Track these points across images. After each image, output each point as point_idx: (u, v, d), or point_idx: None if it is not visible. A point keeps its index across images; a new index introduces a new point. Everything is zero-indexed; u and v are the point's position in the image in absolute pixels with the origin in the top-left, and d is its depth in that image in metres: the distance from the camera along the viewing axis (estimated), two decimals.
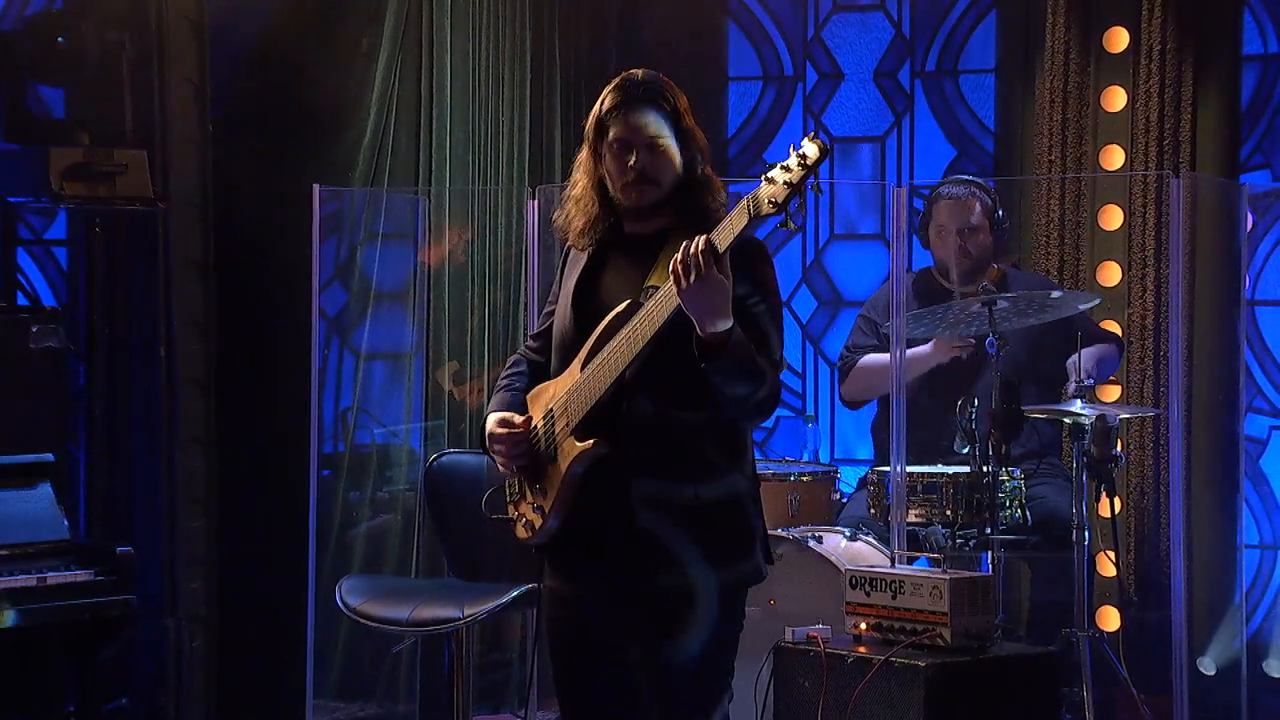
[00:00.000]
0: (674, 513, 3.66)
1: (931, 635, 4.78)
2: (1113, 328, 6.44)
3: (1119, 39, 6.59)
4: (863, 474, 6.13)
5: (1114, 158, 6.58)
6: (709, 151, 3.81)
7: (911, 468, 5.70)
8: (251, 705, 6.28)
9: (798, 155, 3.42)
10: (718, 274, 3.47)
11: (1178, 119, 6.49)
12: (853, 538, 5.63)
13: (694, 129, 3.79)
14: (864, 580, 4.97)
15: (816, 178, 3.42)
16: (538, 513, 3.80)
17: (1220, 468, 6.37)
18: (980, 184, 6.22)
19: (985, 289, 5.81)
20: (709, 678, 3.74)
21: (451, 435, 6.57)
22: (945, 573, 4.88)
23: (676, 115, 3.76)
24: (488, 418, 3.88)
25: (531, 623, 5.84)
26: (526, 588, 5.14)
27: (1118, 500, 5.79)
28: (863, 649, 4.86)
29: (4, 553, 5.12)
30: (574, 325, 3.81)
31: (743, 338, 3.56)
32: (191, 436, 6.08)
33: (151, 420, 6.01)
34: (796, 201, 3.41)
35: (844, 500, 6.11)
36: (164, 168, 5.99)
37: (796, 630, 4.99)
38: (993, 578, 5.11)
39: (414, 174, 6.65)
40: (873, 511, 5.81)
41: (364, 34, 6.63)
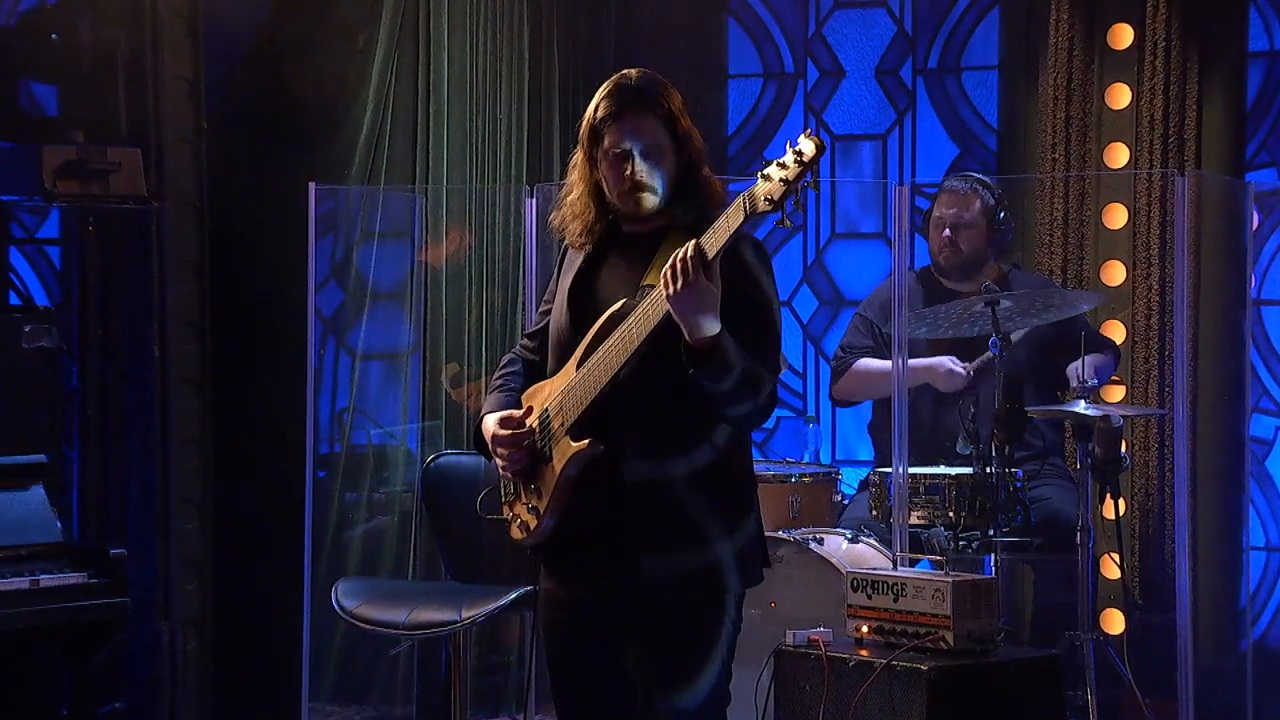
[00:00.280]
0: (666, 500, 3.64)
1: (934, 639, 4.77)
2: (1117, 327, 6.42)
3: (1123, 35, 6.56)
4: (864, 475, 6.10)
5: (1118, 155, 6.56)
6: (707, 151, 3.78)
7: (914, 469, 5.68)
8: (247, 709, 6.26)
9: (794, 152, 3.40)
10: (706, 280, 3.45)
11: (1183, 116, 6.46)
12: (854, 540, 5.62)
13: (690, 130, 3.74)
14: (865, 583, 4.96)
15: (814, 175, 3.39)
16: (533, 513, 3.78)
17: (1225, 468, 6.37)
18: (985, 182, 6.18)
19: (988, 288, 5.76)
20: (706, 680, 3.70)
21: (449, 436, 6.55)
22: (948, 575, 4.87)
23: (672, 118, 3.71)
24: (484, 419, 3.85)
25: (530, 625, 5.82)
26: (525, 590, 5.13)
27: (1122, 502, 5.76)
28: (864, 652, 4.85)
29: None
30: (570, 324, 3.79)
31: (733, 343, 3.53)
32: (186, 437, 6.06)
33: (145, 421, 5.98)
34: (793, 199, 3.39)
35: (845, 502, 6.09)
36: (158, 166, 5.97)
37: (797, 633, 4.98)
38: (996, 580, 5.09)
39: (411, 172, 6.64)
40: (874, 513, 5.79)
41: (360, 30, 6.62)
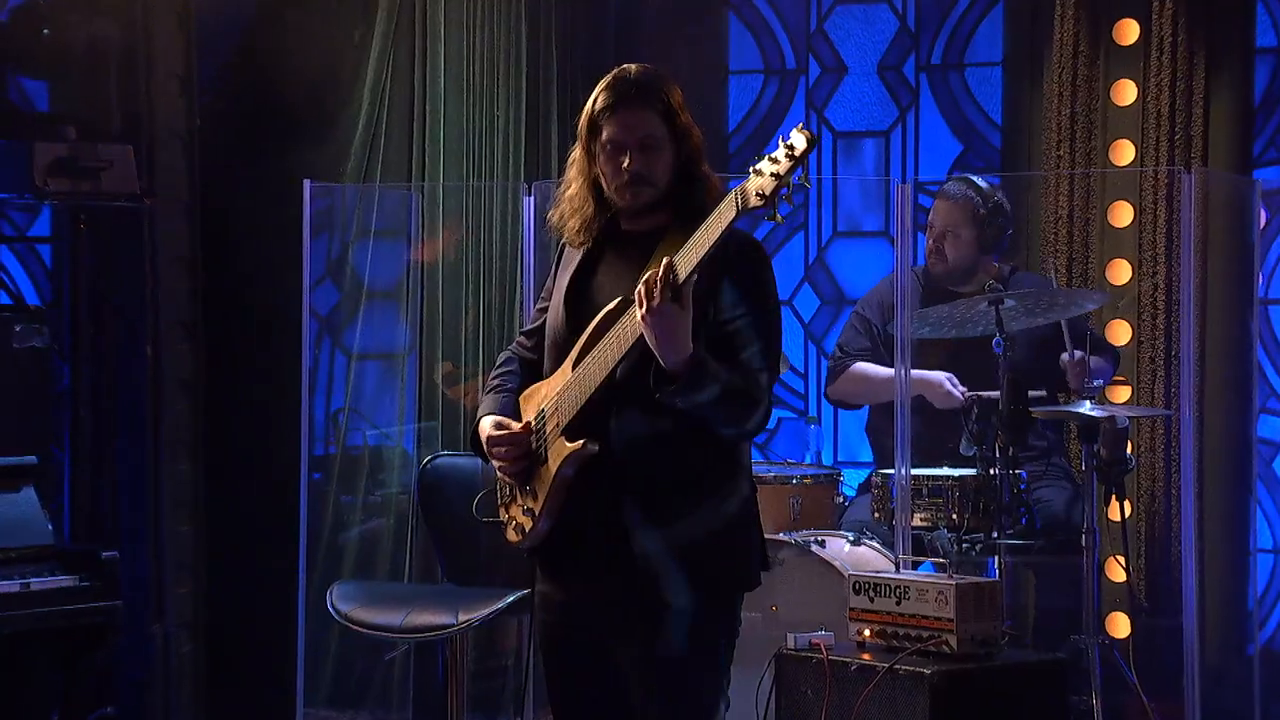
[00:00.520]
0: (668, 525, 3.61)
1: (937, 642, 4.75)
2: (1123, 327, 6.39)
3: (1129, 31, 6.52)
4: (865, 476, 6.05)
5: (1124, 153, 6.52)
6: (706, 147, 3.76)
7: (917, 470, 5.66)
8: (241, 714, 6.27)
9: (785, 147, 3.38)
10: (675, 306, 3.44)
11: (1189, 113, 6.43)
12: (856, 542, 5.61)
13: (689, 125, 3.73)
14: (868, 585, 4.94)
15: (805, 169, 3.37)
16: (528, 515, 3.76)
17: (1232, 470, 6.34)
18: (978, 186, 6.14)
19: (992, 287, 5.71)
20: (703, 684, 3.68)
21: (446, 437, 6.54)
22: (951, 578, 4.85)
23: (671, 113, 3.70)
24: (480, 421, 3.83)
25: (527, 628, 5.80)
26: (522, 593, 5.13)
27: (1127, 504, 5.73)
28: (867, 656, 4.82)
29: None
30: (567, 323, 3.77)
31: (709, 363, 3.50)
32: (179, 438, 6.09)
33: (138, 422, 6.01)
34: (784, 193, 3.37)
35: (847, 503, 6.06)
36: (150, 163, 6.00)
37: (799, 637, 4.96)
38: (999, 583, 5.06)
39: (407, 169, 6.65)
40: (877, 515, 5.77)
41: (355, 26, 6.64)
